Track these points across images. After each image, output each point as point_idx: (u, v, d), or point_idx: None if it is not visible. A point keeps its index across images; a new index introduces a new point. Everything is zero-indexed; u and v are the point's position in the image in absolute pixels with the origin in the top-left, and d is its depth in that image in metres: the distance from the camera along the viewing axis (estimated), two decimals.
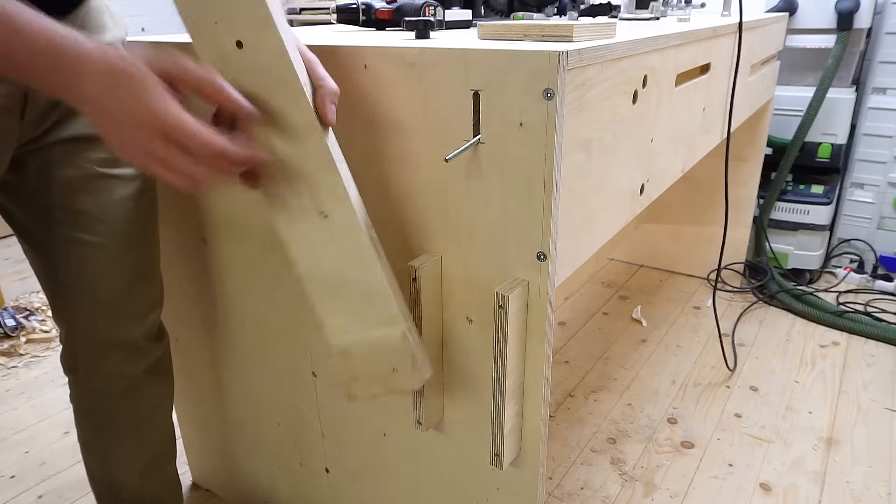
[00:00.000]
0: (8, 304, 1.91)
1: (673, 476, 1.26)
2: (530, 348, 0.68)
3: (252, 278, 0.92)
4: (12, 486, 1.26)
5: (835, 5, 1.82)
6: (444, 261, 0.71)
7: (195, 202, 0.93)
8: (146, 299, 0.86)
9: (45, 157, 0.74)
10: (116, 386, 0.88)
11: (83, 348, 0.85)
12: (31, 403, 1.52)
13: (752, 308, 1.92)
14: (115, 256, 0.80)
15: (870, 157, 2.00)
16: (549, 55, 0.56)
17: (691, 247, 2.11)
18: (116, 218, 0.78)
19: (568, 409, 1.47)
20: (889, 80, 1.91)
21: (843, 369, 1.61)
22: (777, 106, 1.96)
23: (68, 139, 0.74)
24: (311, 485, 1.04)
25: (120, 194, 0.78)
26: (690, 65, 0.98)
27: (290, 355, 0.93)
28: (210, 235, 0.94)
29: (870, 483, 1.24)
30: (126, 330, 0.85)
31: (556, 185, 0.61)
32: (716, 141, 1.25)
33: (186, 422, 1.20)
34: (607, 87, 0.69)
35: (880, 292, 1.98)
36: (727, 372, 1.60)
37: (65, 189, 0.75)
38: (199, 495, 1.25)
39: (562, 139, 0.60)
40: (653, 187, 0.94)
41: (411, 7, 0.86)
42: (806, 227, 2.00)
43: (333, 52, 0.69)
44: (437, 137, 0.65)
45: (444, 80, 0.63)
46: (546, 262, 0.63)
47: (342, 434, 0.94)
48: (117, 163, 0.78)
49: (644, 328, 1.82)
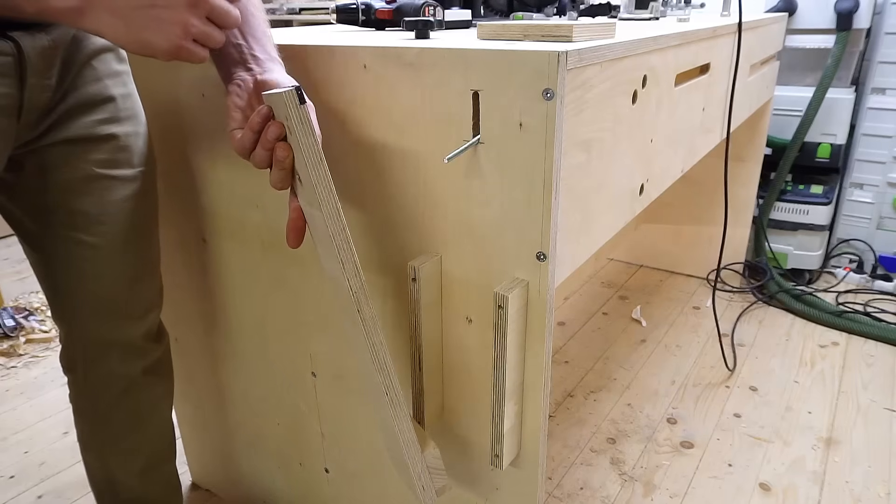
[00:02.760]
0: (7, 305, 1.91)
1: (672, 476, 1.26)
2: (530, 348, 0.68)
3: (252, 278, 0.92)
4: (12, 486, 1.26)
5: (834, 5, 1.82)
6: (444, 261, 0.71)
7: (195, 202, 0.93)
8: (145, 299, 0.86)
9: (44, 158, 0.74)
10: (115, 386, 0.87)
11: (82, 348, 0.85)
12: (30, 403, 1.52)
13: (752, 308, 1.92)
14: (114, 257, 0.80)
15: (869, 158, 2.00)
16: (549, 55, 0.56)
17: (691, 247, 2.11)
18: (116, 219, 0.78)
19: (568, 409, 1.47)
20: (888, 80, 1.91)
21: (842, 369, 1.61)
22: (777, 106, 1.96)
23: (67, 140, 0.74)
24: (311, 485, 1.04)
25: (119, 195, 0.78)
26: (690, 65, 0.98)
27: (290, 355, 0.93)
28: (210, 235, 0.94)
29: (869, 483, 1.24)
30: (125, 330, 0.85)
31: (556, 185, 0.61)
32: (715, 141, 1.25)
33: (186, 422, 1.20)
34: (607, 87, 0.69)
35: (879, 292, 1.98)
36: (727, 372, 1.60)
37: (64, 190, 0.75)
38: (198, 495, 1.25)
39: (562, 139, 0.60)
40: (652, 187, 0.94)
41: (411, 7, 0.86)
42: (805, 228, 2.00)
43: (333, 52, 0.69)
44: (437, 137, 0.65)
45: (444, 80, 0.63)
46: (546, 262, 0.63)
47: (342, 434, 0.94)
48: (117, 164, 0.77)
49: (644, 328, 1.82)
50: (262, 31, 0.67)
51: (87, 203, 0.76)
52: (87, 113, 0.74)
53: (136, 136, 0.79)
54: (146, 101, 0.88)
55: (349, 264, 0.62)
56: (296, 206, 0.66)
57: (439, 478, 0.73)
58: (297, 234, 0.67)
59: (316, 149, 0.60)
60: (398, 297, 0.77)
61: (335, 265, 0.63)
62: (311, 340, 0.89)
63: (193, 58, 0.59)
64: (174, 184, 0.94)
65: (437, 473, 0.72)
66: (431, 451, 0.72)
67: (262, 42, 0.67)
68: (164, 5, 0.55)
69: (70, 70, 0.71)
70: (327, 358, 0.89)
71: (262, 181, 0.83)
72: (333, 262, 0.63)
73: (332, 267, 0.64)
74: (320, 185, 0.60)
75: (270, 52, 0.67)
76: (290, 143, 0.60)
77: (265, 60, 0.66)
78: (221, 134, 0.84)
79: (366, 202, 0.75)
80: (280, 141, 0.61)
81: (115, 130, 0.77)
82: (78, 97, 0.73)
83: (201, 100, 0.83)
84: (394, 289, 0.77)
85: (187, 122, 0.87)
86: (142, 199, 0.81)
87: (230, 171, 0.86)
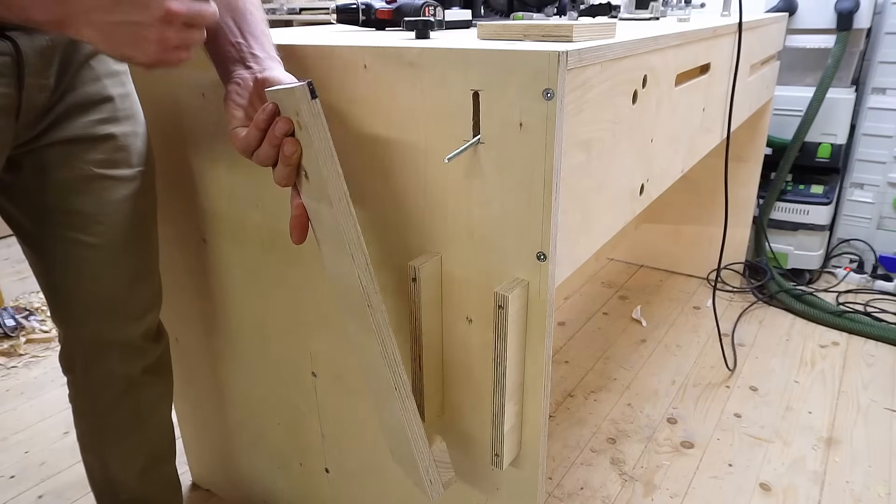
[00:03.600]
0: (8, 304, 1.91)
1: (673, 476, 1.26)
2: (530, 348, 0.68)
3: (252, 278, 0.92)
4: (12, 486, 1.26)
5: (834, 5, 1.82)
6: (444, 261, 0.71)
7: (195, 202, 0.93)
8: (144, 299, 0.86)
9: (42, 158, 0.74)
10: (115, 386, 0.87)
11: (81, 348, 0.85)
12: (30, 403, 1.52)
13: (752, 308, 1.92)
14: (113, 257, 0.79)
15: (869, 157, 2.00)
16: (549, 55, 0.56)
17: (691, 247, 2.11)
18: (114, 219, 0.78)
19: (568, 409, 1.47)
20: (889, 80, 1.91)
21: (842, 369, 1.61)
22: (777, 106, 1.96)
23: (65, 140, 0.73)
24: (311, 485, 1.04)
25: (118, 195, 0.78)
26: (690, 65, 0.98)
27: (290, 355, 0.93)
28: (210, 235, 0.94)
29: (870, 483, 1.24)
30: (124, 330, 0.84)
31: (556, 185, 0.61)
32: (716, 141, 1.25)
33: (186, 422, 1.20)
34: (607, 87, 0.69)
35: (880, 292, 1.98)
36: (727, 372, 1.60)
37: (62, 190, 0.75)
38: (198, 495, 1.25)
39: (562, 139, 0.60)
40: (653, 187, 0.94)
41: (411, 7, 0.86)
42: (806, 227, 2.00)
43: (333, 52, 0.69)
44: (437, 137, 0.65)
45: (444, 80, 0.63)
46: (546, 262, 0.63)
47: (342, 434, 0.94)
48: (115, 164, 0.77)
49: (644, 328, 1.82)
50: (260, 29, 0.67)
51: (85, 203, 0.76)
52: (85, 113, 0.74)
53: (134, 136, 0.79)
54: (146, 101, 0.88)
55: (360, 258, 0.62)
56: (299, 203, 0.66)
57: (446, 471, 0.74)
58: (300, 231, 0.67)
59: (329, 143, 0.59)
60: (398, 296, 0.77)
61: (344, 260, 0.63)
62: (311, 340, 0.89)
63: (176, 64, 0.59)
64: (174, 184, 0.94)
65: (444, 467, 0.73)
66: (438, 444, 0.74)
67: (260, 40, 0.67)
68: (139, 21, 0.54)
69: (68, 70, 0.71)
70: (327, 358, 0.89)
71: (262, 181, 0.83)
72: (342, 257, 0.63)
73: (340, 263, 0.64)
74: (332, 179, 0.60)
75: (269, 50, 0.67)
76: (300, 138, 0.60)
77: (264, 58, 0.66)
78: (222, 134, 0.84)
79: (366, 202, 0.75)
80: (288, 137, 0.61)
81: (114, 130, 0.77)
82: (76, 97, 0.73)
83: (201, 100, 0.83)
84: (394, 288, 0.77)
85: (187, 122, 0.87)
86: (140, 199, 0.81)
87: (230, 171, 0.86)
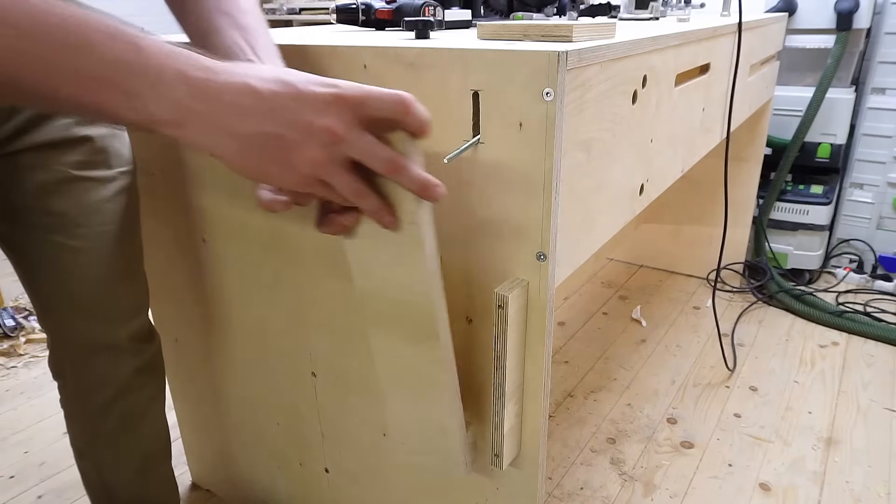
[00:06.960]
0: (7, 305, 1.91)
1: (672, 476, 1.26)
2: (530, 348, 0.68)
3: (252, 278, 0.92)
4: (12, 486, 1.26)
5: (834, 5, 1.82)
6: (444, 261, 0.71)
7: (195, 202, 0.93)
8: (130, 301, 0.84)
9: (15, 162, 0.72)
10: (105, 389, 0.86)
11: (69, 353, 0.83)
12: (30, 403, 1.52)
13: (752, 308, 1.92)
14: (97, 259, 0.78)
15: (869, 158, 2.00)
16: (549, 55, 0.56)
17: (691, 247, 2.11)
18: (95, 220, 0.77)
19: (568, 409, 1.47)
20: (888, 80, 1.91)
21: (842, 369, 1.61)
22: (777, 106, 1.96)
23: (41, 145, 0.72)
24: (310, 485, 1.04)
25: (98, 196, 0.76)
26: (690, 65, 0.98)
27: (290, 355, 0.93)
28: (210, 235, 0.94)
29: (869, 483, 1.24)
30: (111, 332, 0.83)
31: (556, 184, 0.61)
32: (715, 141, 1.25)
33: (186, 422, 1.20)
34: (607, 87, 0.69)
35: (879, 292, 1.98)
36: (727, 372, 1.60)
37: (38, 192, 0.73)
38: (198, 495, 1.24)
39: (561, 139, 0.60)
40: (652, 187, 0.94)
41: (411, 7, 0.86)
42: (805, 228, 2.00)
43: (333, 52, 0.69)
44: (437, 137, 0.65)
45: (444, 80, 0.63)
46: (546, 262, 0.63)
47: (342, 434, 0.94)
48: (94, 165, 0.76)
49: (644, 328, 1.82)
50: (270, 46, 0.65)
51: (64, 205, 0.74)
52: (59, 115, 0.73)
53: (112, 137, 0.78)
54: None
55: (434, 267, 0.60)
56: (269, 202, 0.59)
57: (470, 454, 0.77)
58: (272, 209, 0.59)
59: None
60: None
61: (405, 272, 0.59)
62: (311, 340, 0.89)
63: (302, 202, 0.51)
64: (174, 184, 0.94)
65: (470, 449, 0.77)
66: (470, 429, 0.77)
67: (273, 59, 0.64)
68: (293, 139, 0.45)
69: None
70: (327, 358, 0.89)
71: None
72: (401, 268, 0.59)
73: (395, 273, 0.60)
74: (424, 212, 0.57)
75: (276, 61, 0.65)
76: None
77: None
78: None
79: None
80: None
81: (90, 132, 0.75)
82: None
83: None
84: None
85: None
86: (122, 200, 0.80)
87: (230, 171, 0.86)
